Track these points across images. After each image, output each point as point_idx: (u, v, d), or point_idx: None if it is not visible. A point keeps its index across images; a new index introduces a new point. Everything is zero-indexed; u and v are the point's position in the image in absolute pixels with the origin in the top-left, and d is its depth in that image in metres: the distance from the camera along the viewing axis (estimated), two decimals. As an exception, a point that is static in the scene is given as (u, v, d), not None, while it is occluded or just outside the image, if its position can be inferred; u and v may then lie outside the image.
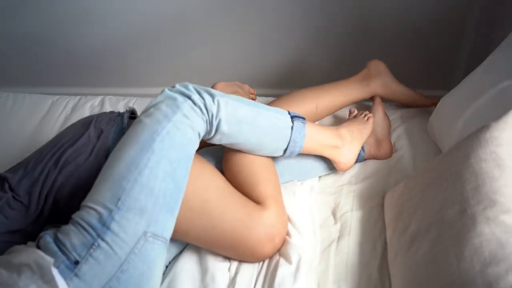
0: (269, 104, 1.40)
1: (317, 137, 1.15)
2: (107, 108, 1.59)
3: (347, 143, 1.20)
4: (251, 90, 1.49)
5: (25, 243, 0.97)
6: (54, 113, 1.59)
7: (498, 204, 0.82)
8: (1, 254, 0.91)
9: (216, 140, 1.04)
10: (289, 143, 1.09)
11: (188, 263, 1.05)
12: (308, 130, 1.12)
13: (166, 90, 1.00)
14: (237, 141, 1.05)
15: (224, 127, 1.01)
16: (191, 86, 1.01)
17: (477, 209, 0.83)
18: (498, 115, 0.95)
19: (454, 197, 0.89)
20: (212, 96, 1.00)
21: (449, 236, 0.83)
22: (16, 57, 2.15)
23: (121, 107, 1.59)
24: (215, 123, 1.00)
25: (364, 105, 1.52)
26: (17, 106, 1.63)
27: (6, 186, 1.03)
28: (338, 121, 1.46)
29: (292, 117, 1.10)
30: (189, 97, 0.98)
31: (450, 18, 1.82)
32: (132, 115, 1.20)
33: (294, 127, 1.09)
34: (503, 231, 0.78)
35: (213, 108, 0.99)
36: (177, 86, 1.01)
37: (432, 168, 1.01)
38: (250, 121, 1.04)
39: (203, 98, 0.99)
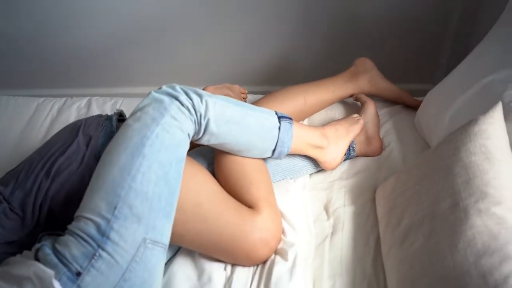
0: (259, 101, 1.40)
1: (304, 137, 1.15)
2: (94, 109, 1.57)
3: (332, 143, 1.21)
4: (242, 90, 1.49)
5: (20, 253, 0.96)
6: (39, 116, 1.57)
7: (489, 196, 0.84)
8: None
9: (205, 141, 1.04)
10: (277, 143, 1.10)
11: (183, 265, 1.05)
12: (295, 129, 1.12)
13: (153, 92, 0.99)
14: (225, 141, 1.05)
15: (212, 127, 1.01)
16: (178, 87, 1.00)
17: (469, 202, 0.85)
18: (484, 109, 0.97)
19: (446, 190, 0.91)
20: (200, 96, 1.00)
21: (443, 229, 0.85)
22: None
23: (108, 108, 1.58)
24: (203, 123, 1.00)
25: (354, 104, 1.53)
26: (1, 110, 1.60)
27: (0, 197, 1.01)
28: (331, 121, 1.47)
29: (279, 118, 1.11)
30: (176, 98, 0.97)
31: (433, 16, 1.85)
32: (120, 117, 1.19)
33: (281, 127, 1.09)
34: (495, 223, 0.80)
35: (201, 108, 0.99)
36: (164, 87, 1.00)
37: (423, 162, 1.02)
38: (238, 121, 1.04)
39: (190, 99, 0.98)
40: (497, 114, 0.96)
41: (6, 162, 1.37)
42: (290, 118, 1.13)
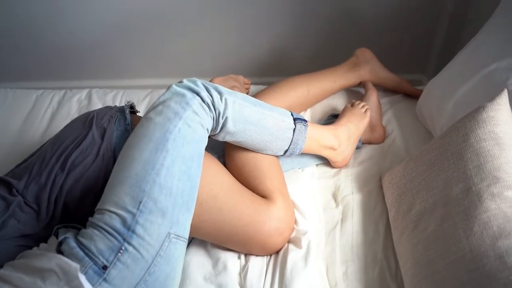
0: (262, 92, 1.41)
1: (317, 138, 1.16)
2: (95, 101, 1.56)
3: (343, 143, 1.22)
4: (246, 81, 1.50)
5: (36, 246, 0.95)
6: (40, 108, 1.55)
7: (502, 181, 0.86)
8: (13, 259, 0.89)
9: (220, 138, 1.04)
10: (290, 144, 1.10)
11: (197, 253, 1.06)
12: (309, 131, 1.13)
13: (174, 86, 0.99)
14: (240, 140, 1.05)
15: (230, 125, 1.01)
16: (199, 82, 1.00)
17: (481, 186, 0.87)
18: (488, 97, 1.00)
19: (458, 176, 0.93)
20: (220, 93, 1.00)
21: (457, 213, 0.88)
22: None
23: (110, 100, 1.57)
24: (221, 121, 1.00)
25: (357, 91, 1.55)
26: (0, 102, 1.58)
27: (14, 191, 1.00)
28: (333, 110, 1.48)
29: (295, 119, 1.11)
30: (198, 94, 0.97)
31: (426, 9, 1.87)
32: (132, 109, 1.19)
33: (296, 129, 1.10)
34: (509, 206, 0.83)
35: (220, 106, 0.99)
36: (185, 81, 1.00)
37: (432, 149, 1.05)
38: (255, 121, 1.04)
39: (211, 95, 0.98)
40: (503, 101, 0.99)
41: (8, 154, 1.36)
42: (305, 120, 1.13)
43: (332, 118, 1.39)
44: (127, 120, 1.10)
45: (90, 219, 0.89)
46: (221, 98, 1.00)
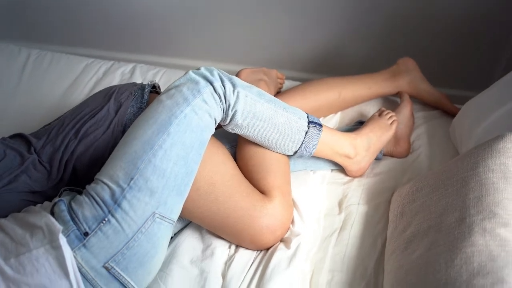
0: (293, 88, 1.40)
1: (331, 144, 1.14)
2: (137, 76, 1.63)
3: (360, 154, 1.19)
4: (279, 75, 1.49)
5: (42, 203, 1.02)
6: (85, 76, 1.64)
7: (498, 217, 0.81)
8: (18, 211, 0.97)
9: (229, 129, 1.05)
10: (300, 146, 1.09)
11: (191, 236, 1.09)
12: (323, 136, 1.11)
13: (190, 72, 1.01)
14: (249, 134, 1.06)
15: (238, 119, 1.01)
16: (216, 72, 1.01)
17: (475, 219, 0.83)
18: (516, 126, 0.94)
19: (456, 204, 0.89)
20: (234, 86, 1.00)
21: (444, 242, 0.84)
22: (63, 15, 2.21)
23: (150, 77, 1.63)
24: (230, 114, 1.01)
25: (393, 101, 1.50)
26: (53, 66, 1.68)
27: (32, 149, 1.08)
28: (362, 117, 1.44)
29: (309, 122, 1.09)
30: (211, 83, 0.98)
31: (493, 24, 1.76)
32: (153, 89, 1.23)
33: (308, 132, 1.08)
34: (497, 244, 0.78)
35: (231, 99, 1.00)
36: (202, 69, 1.02)
37: (442, 171, 1.00)
38: (266, 118, 1.04)
39: (224, 87, 0.99)
40: (526, 133, 0.92)
41: (47, 116, 1.45)
42: (321, 125, 1.11)
43: (358, 124, 1.35)
44: (144, 99, 1.14)
45: (86, 187, 0.94)
46: (233, 91, 1.00)
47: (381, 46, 1.94)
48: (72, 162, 1.08)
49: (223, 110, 1.01)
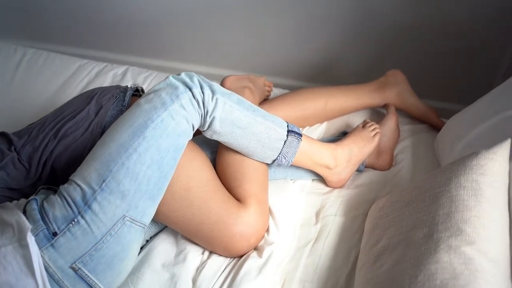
0: (280, 96, 1.40)
1: (311, 154, 1.13)
2: (128, 79, 1.64)
3: (341, 165, 1.19)
4: (267, 83, 1.49)
5: (18, 200, 1.03)
6: (78, 76, 1.65)
7: (464, 234, 0.81)
8: None
9: (208, 135, 1.05)
10: (278, 155, 1.09)
11: (165, 240, 1.09)
12: (303, 145, 1.11)
13: (171, 77, 1.01)
14: (227, 141, 1.05)
15: (216, 126, 1.01)
16: (195, 78, 1.01)
17: (443, 235, 0.82)
18: (495, 144, 0.93)
19: (426, 219, 0.88)
20: (213, 92, 1.00)
21: (411, 257, 0.83)
22: (62, 15, 2.24)
23: (141, 80, 1.64)
24: (208, 120, 1.01)
25: (381, 112, 1.49)
26: (47, 66, 1.70)
27: (12, 147, 1.10)
28: (349, 127, 1.44)
29: (289, 131, 1.09)
30: (190, 89, 0.98)
31: (492, 38, 1.76)
32: (136, 92, 1.23)
33: (287, 141, 1.08)
34: (461, 262, 0.77)
35: (210, 105, 1.00)
36: (182, 75, 1.02)
37: (416, 186, 1.00)
38: (244, 125, 1.04)
39: (203, 93, 0.99)
40: (501, 151, 0.92)
41: (37, 115, 1.46)
42: (300, 134, 1.10)
43: (343, 135, 1.35)
44: (125, 102, 1.15)
45: (60, 187, 0.95)
46: (212, 97, 1.00)
47: (377, 56, 1.94)
48: (51, 162, 1.09)
49: (201, 116, 1.01)
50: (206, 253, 1.07)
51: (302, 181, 1.24)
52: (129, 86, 1.22)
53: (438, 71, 1.90)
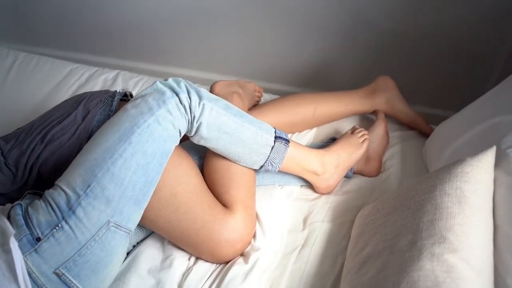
0: (270, 102, 1.40)
1: (298, 160, 1.13)
2: (119, 83, 1.64)
3: (328, 171, 1.19)
4: (257, 88, 1.49)
5: (4, 205, 1.03)
6: (69, 80, 1.65)
7: (447, 242, 0.81)
8: None
9: (195, 141, 1.05)
10: (266, 161, 1.09)
11: (152, 245, 1.09)
12: (290, 151, 1.10)
13: (158, 82, 1.01)
14: (214, 147, 1.05)
15: (203, 131, 1.01)
16: (183, 83, 1.01)
17: (426, 243, 0.82)
18: (480, 151, 0.93)
19: (410, 226, 0.88)
20: (200, 98, 1.00)
21: (394, 264, 0.83)
22: (55, 19, 2.24)
23: (131, 85, 1.64)
24: (195, 125, 1.01)
25: (370, 119, 1.50)
26: (38, 69, 1.70)
27: (0, 151, 1.09)
28: (338, 134, 1.44)
29: (276, 137, 1.08)
30: (177, 94, 0.98)
31: (484, 45, 1.76)
32: (125, 97, 1.23)
33: (274, 147, 1.08)
34: (444, 270, 0.77)
35: (196, 111, 0.99)
36: (170, 80, 1.02)
37: (401, 193, 1.00)
38: (231, 131, 1.03)
39: (190, 98, 0.99)
40: (486, 158, 0.92)
41: (27, 119, 1.45)
42: (288, 140, 1.10)
43: (332, 141, 1.35)
44: (113, 107, 1.15)
45: (45, 192, 0.95)
46: (199, 103, 1.00)
47: (369, 62, 1.95)
48: (37, 167, 1.08)
49: (188, 122, 1.01)
50: (193, 259, 1.07)
51: (290, 187, 1.24)
52: (118, 91, 1.21)
53: (429, 78, 1.91)
